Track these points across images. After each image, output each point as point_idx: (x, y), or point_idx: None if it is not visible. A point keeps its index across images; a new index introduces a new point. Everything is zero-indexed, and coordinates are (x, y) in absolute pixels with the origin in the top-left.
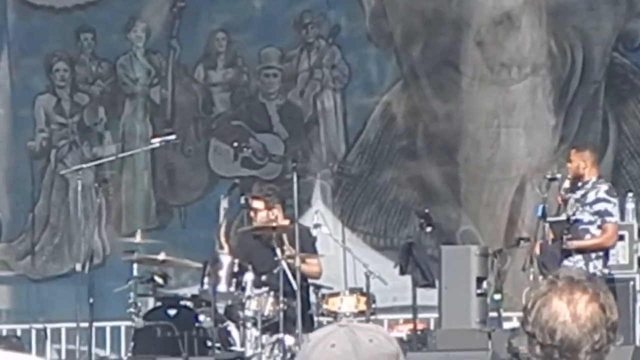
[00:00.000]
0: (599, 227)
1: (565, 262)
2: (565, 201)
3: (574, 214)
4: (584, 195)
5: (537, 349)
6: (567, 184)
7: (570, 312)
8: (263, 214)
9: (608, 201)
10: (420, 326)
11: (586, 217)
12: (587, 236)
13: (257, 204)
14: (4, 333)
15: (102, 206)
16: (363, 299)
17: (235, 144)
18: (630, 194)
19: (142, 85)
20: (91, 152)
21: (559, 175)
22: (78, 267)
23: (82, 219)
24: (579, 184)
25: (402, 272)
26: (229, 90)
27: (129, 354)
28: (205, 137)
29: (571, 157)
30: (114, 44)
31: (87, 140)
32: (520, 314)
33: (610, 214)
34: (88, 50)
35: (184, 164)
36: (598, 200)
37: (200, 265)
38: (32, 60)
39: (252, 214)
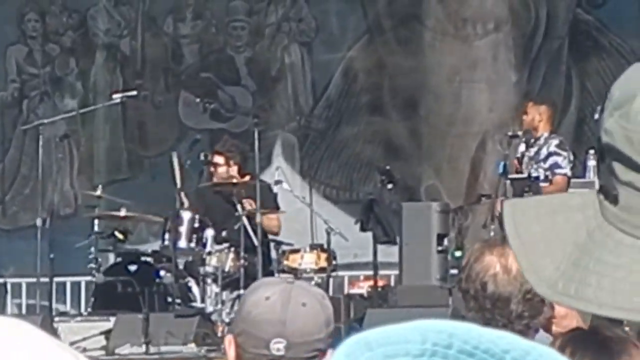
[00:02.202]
0: (550, 180)
1: None
2: (520, 161)
3: (529, 172)
4: (537, 152)
5: (471, 303)
6: (522, 147)
7: (501, 264)
8: (223, 169)
9: (559, 154)
10: (381, 283)
11: (542, 173)
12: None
13: (218, 158)
14: None
15: (73, 158)
16: (324, 256)
17: (198, 100)
18: (591, 151)
19: (112, 36)
20: (62, 103)
21: (520, 133)
22: (38, 222)
23: (53, 171)
24: (532, 140)
25: (363, 229)
26: (197, 42)
27: (89, 309)
28: (175, 89)
29: (527, 109)
30: None
31: (58, 91)
32: None
33: (560, 167)
34: (58, 2)
35: (154, 115)
36: (550, 155)
37: (161, 219)
38: (2, 10)
39: (212, 169)
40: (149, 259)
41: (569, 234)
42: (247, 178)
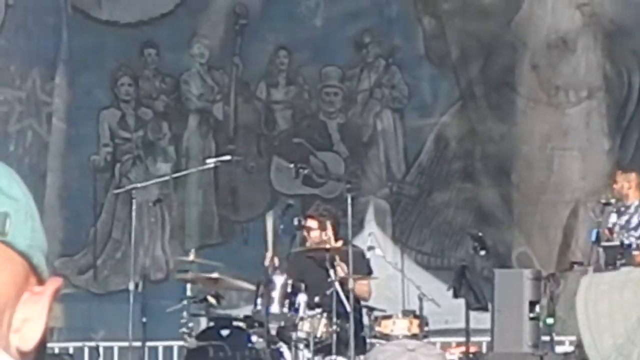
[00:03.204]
0: None
1: None
2: (612, 231)
3: (621, 240)
4: (628, 221)
5: None
6: (613, 217)
7: None
8: (316, 233)
9: None
10: (472, 349)
11: (634, 241)
12: None
13: (311, 222)
14: (57, 351)
15: (165, 222)
16: (416, 322)
17: (292, 165)
18: None
19: (205, 101)
20: (155, 167)
21: (613, 200)
22: (131, 286)
23: (145, 235)
24: (623, 208)
25: (455, 295)
26: (290, 108)
27: None
28: (267, 154)
29: (616, 178)
30: (177, 59)
31: (151, 156)
32: (573, 337)
33: None
34: (152, 66)
35: (246, 180)
36: None
37: (253, 286)
38: (95, 75)
39: (305, 233)
40: (241, 324)
41: (633, 308)
42: (340, 243)
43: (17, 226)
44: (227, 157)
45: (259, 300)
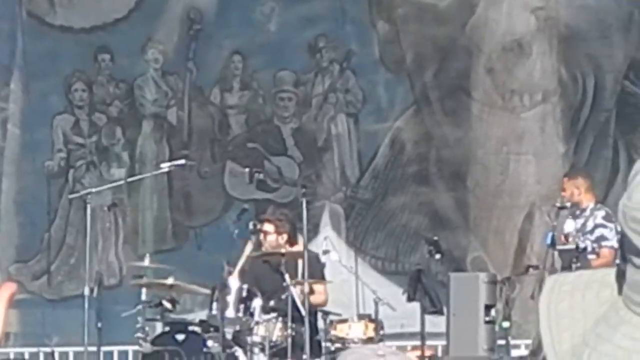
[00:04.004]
0: (596, 253)
1: None
2: (567, 236)
3: (577, 244)
4: (583, 224)
5: None
6: (569, 223)
7: None
8: (272, 237)
9: (604, 226)
10: (428, 353)
11: (589, 245)
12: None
13: (268, 226)
14: (12, 356)
15: (119, 227)
16: (371, 325)
17: (247, 169)
18: None
19: (159, 106)
20: (109, 172)
21: (568, 204)
22: (86, 290)
23: (99, 241)
24: (577, 211)
25: (410, 299)
26: (244, 112)
27: None
28: (221, 159)
29: (564, 186)
30: (131, 65)
31: (104, 161)
32: (529, 341)
33: (606, 239)
34: (106, 71)
35: (200, 185)
36: (596, 227)
37: (208, 291)
38: (49, 80)
39: (261, 237)
40: (196, 329)
41: (593, 309)
42: (295, 248)
43: None
44: (181, 162)
45: (214, 305)
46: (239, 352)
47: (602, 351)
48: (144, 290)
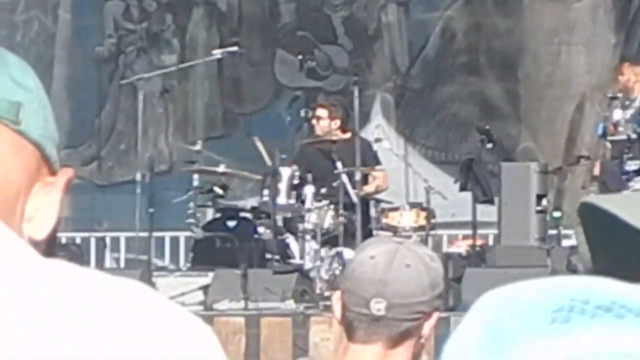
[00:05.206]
0: None
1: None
2: (616, 125)
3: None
4: (633, 115)
5: None
6: (617, 112)
7: None
8: (325, 122)
9: None
10: (479, 242)
11: None
12: None
13: (321, 111)
14: (64, 241)
15: (169, 114)
16: (423, 214)
17: (300, 56)
18: None
19: None
20: (159, 58)
21: (620, 94)
22: (138, 176)
23: (150, 127)
24: (627, 102)
25: (462, 189)
26: (294, 1)
27: (188, 265)
28: (271, 47)
29: (623, 70)
30: None
31: (155, 47)
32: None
33: None
34: None
35: (250, 73)
36: None
37: (259, 177)
38: None
39: (314, 121)
40: (247, 215)
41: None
42: (347, 135)
43: (30, 116)
44: (234, 48)
45: (265, 192)
46: (290, 239)
47: None
48: (195, 176)
